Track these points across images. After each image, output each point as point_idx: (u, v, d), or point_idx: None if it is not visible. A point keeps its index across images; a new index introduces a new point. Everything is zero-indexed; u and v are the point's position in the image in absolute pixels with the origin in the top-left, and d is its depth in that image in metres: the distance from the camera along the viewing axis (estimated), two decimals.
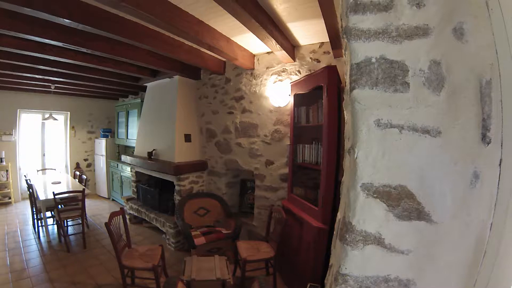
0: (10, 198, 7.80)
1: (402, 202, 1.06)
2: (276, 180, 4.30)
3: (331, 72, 3.09)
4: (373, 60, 1.06)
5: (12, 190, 7.82)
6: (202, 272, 3.20)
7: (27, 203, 7.39)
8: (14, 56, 4.54)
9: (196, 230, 4.28)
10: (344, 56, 1.26)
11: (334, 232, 1.41)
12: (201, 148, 5.66)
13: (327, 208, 3.06)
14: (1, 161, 7.61)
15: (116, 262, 4.14)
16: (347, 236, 1.10)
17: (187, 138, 5.47)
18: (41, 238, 5.45)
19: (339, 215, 1.30)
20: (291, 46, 3.94)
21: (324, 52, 3.80)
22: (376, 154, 1.06)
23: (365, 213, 1.07)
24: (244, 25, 3.03)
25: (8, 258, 4.60)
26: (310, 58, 3.93)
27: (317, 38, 3.75)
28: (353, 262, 1.09)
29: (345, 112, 1.29)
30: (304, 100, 3.70)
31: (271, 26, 3.21)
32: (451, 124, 1.02)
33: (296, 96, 3.77)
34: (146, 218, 5.69)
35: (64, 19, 2.99)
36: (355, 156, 1.08)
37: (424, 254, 1.07)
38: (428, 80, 1.04)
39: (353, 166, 1.09)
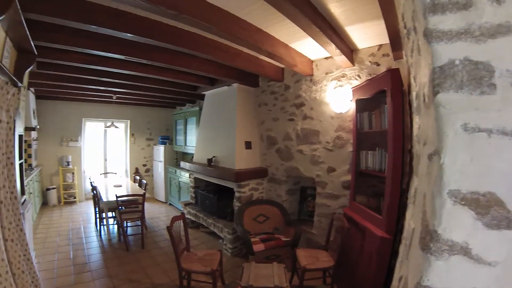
0: (75, 198, 8.59)
1: (492, 210, 0.99)
2: (337, 188, 4.21)
3: (395, 75, 2.98)
4: (457, 62, 1.01)
5: (77, 190, 8.63)
6: (260, 279, 3.20)
7: (90, 203, 8.14)
8: (80, 70, 4.99)
9: (255, 236, 4.30)
10: (404, 57, 1.22)
11: (404, 242, 1.35)
12: (262, 155, 5.71)
13: (392, 217, 2.93)
14: (68, 165, 8.43)
15: (173, 263, 4.30)
16: (431, 245, 1.05)
17: (248, 145, 5.54)
18: (102, 236, 5.86)
19: (412, 224, 1.25)
20: (349, 50, 3.87)
21: (383, 55, 3.68)
22: (463, 159, 1.00)
23: (452, 221, 1.02)
24: (304, 31, 3.04)
25: (71, 252, 5.02)
26: (369, 61, 3.83)
27: (375, 41, 3.65)
28: (437, 273, 1.04)
29: (416, 116, 1.24)
30: (366, 105, 3.60)
31: (330, 30, 3.19)
32: None
33: (358, 102, 3.68)
34: (204, 223, 5.83)
35: (127, 34, 3.23)
36: (441, 162, 1.03)
37: None
38: None
39: (438, 172, 1.04)
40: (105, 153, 9.58)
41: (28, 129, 5.60)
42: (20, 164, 3.70)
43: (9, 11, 2.09)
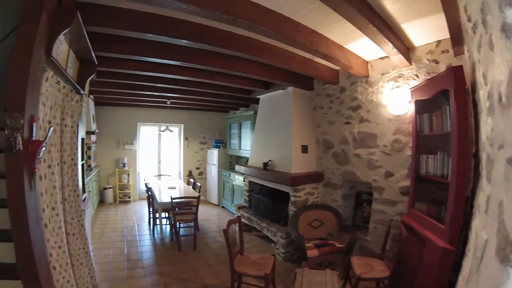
0: (129, 198, 9.16)
1: None
2: (395, 193, 3.99)
3: (458, 73, 2.73)
4: None
5: (131, 190, 9.21)
6: (312, 285, 3.12)
7: (144, 203, 8.54)
8: (136, 77, 5.32)
9: (308, 241, 4.22)
10: (466, 53, 1.10)
11: (472, 254, 1.21)
12: (317, 159, 5.62)
13: (456, 227, 2.69)
14: (124, 166, 9.04)
15: (224, 265, 4.41)
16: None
17: (304, 149, 5.49)
18: (155, 235, 6.13)
19: (485, 235, 1.12)
20: (406, 49, 3.68)
21: (442, 52, 3.42)
22: None
23: None
24: (361, 31, 2.97)
25: (125, 248, 5.32)
26: (427, 59, 3.59)
27: (433, 37, 3.42)
28: None
29: (487, 117, 1.11)
30: (426, 106, 3.37)
31: (386, 29, 3.07)
32: None
33: (417, 103, 3.46)
34: (257, 227, 5.85)
35: (182, 40, 3.36)
36: None
37: None
38: None
39: None
40: (159, 155, 10.10)
41: (88, 133, 6.05)
42: (82, 165, 4.04)
43: (72, 25, 2.27)
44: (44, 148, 2.08)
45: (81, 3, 2.71)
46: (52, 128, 2.38)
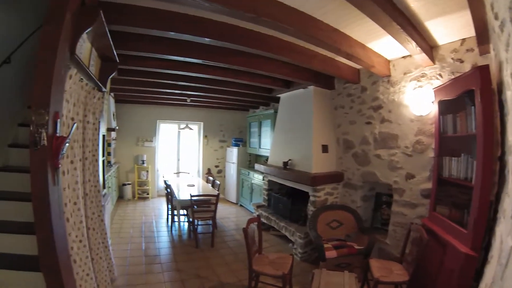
0: (148, 194, 9.31)
1: None
2: (416, 196, 3.89)
3: (484, 73, 2.62)
4: None
5: (150, 187, 9.36)
6: (330, 286, 3.09)
7: (162, 199, 8.75)
8: (157, 75, 5.39)
9: (327, 242, 4.18)
10: (492, 51, 1.05)
11: (496, 261, 1.16)
12: (338, 159, 5.55)
13: (479, 232, 2.60)
14: (143, 163, 9.21)
15: (241, 264, 4.44)
16: None
17: (324, 149, 5.44)
18: (173, 232, 6.20)
19: (510, 241, 1.07)
20: (429, 47, 3.57)
21: (466, 50, 3.30)
22: None
23: None
24: (384, 29, 2.92)
25: (143, 244, 5.41)
26: (452, 58, 3.46)
27: (457, 35, 3.31)
28: None
29: None
30: (450, 107, 3.26)
31: (410, 27, 3.00)
32: None
33: (441, 103, 3.36)
34: (275, 226, 5.84)
35: (205, 39, 3.37)
36: None
37: None
38: None
39: None
40: (178, 153, 10.23)
41: (109, 129, 6.16)
42: (102, 161, 4.13)
43: (95, 24, 2.32)
44: (67, 144, 2.14)
45: (104, 2, 2.77)
46: (75, 125, 2.44)
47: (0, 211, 2.85)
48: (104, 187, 4.35)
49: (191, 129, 8.45)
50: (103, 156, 4.33)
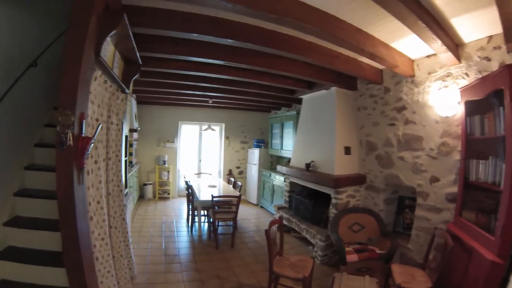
0: (168, 194, 9.43)
1: None
2: (441, 200, 3.75)
3: None
4: None
5: (171, 187, 9.47)
6: None
7: (182, 200, 8.79)
8: (179, 76, 5.45)
9: (348, 246, 4.10)
10: None
11: None
12: (360, 161, 5.45)
13: (507, 239, 2.48)
14: (164, 163, 9.33)
15: (260, 265, 4.44)
16: None
17: (347, 150, 5.36)
18: (193, 232, 6.23)
19: None
20: (454, 46, 3.44)
21: (494, 48, 3.15)
22: None
23: None
24: (409, 28, 2.86)
25: (163, 243, 5.47)
26: (478, 57, 3.32)
27: (484, 32, 3.16)
28: None
29: None
30: (477, 107, 3.13)
31: (435, 25, 2.90)
32: None
33: (467, 104, 3.22)
34: (296, 228, 5.79)
35: (227, 40, 3.39)
36: None
37: None
38: None
39: None
40: (200, 154, 10.31)
41: (131, 130, 6.32)
42: (124, 161, 4.20)
43: (119, 27, 2.37)
44: (92, 145, 2.19)
45: (127, 6, 2.84)
46: (101, 125, 2.50)
47: (26, 208, 2.96)
48: (126, 187, 4.44)
49: (213, 130, 8.49)
50: (125, 156, 4.42)
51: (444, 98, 3.69)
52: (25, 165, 3.19)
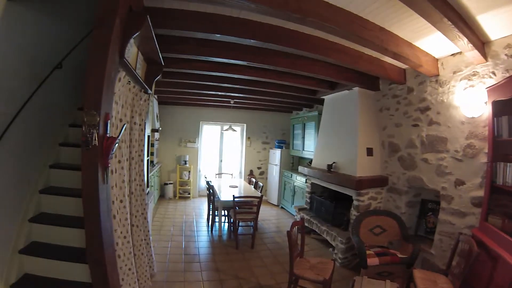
0: (189, 194, 9.52)
1: None
2: (465, 204, 3.61)
3: None
4: None
5: (191, 187, 9.55)
6: None
7: (203, 199, 8.90)
8: (201, 77, 5.50)
9: (369, 249, 4.02)
10: None
11: None
12: (382, 162, 5.34)
13: None
14: (186, 163, 9.44)
15: (280, 266, 4.43)
16: None
17: (369, 152, 5.27)
18: (213, 232, 6.26)
19: None
20: (480, 43, 3.30)
21: None
22: None
23: None
24: (434, 26, 2.78)
25: (183, 242, 5.52)
26: (505, 55, 3.16)
27: (511, 29, 3.02)
28: None
29: None
30: (505, 108, 2.99)
31: (461, 22, 2.81)
32: None
33: (495, 104, 3.08)
34: (317, 230, 5.73)
35: (250, 40, 3.39)
36: None
37: None
38: None
39: None
40: (221, 154, 10.35)
41: (152, 130, 6.40)
42: (147, 161, 4.26)
43: (142, 29, 2.42)
44: (117, 145, 2.24)
45: (149, 8, 2.89)
46: (125, 126, 2.55)
47: (50, 205, 3.06)
48: (147, 186, 4.51)
49: (234, 130, 8.51)
50: (147, 156, 4.49)
51: (470, 98, 3.55)
52: (51, 164, 3.29)
